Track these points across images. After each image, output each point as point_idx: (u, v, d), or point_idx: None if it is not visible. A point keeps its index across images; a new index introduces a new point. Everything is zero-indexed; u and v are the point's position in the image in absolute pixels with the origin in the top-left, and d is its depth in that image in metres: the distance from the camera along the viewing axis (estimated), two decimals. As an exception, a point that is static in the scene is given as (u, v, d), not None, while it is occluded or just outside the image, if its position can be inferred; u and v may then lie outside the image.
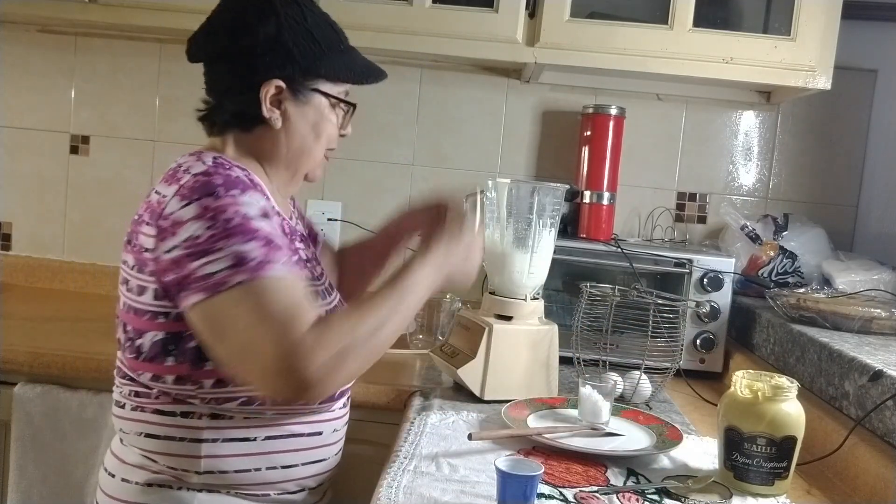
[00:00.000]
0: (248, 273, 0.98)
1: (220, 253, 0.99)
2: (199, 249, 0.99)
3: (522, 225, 1.46)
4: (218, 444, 1.09)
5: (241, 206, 1.02)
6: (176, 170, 1.10)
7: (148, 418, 1.10)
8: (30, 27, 2.18)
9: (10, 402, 1.55)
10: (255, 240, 1.01)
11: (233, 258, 0.99)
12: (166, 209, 1.03)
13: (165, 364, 1.07)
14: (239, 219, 1.01)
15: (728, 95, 2.12)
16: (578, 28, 1.81)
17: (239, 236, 1.00)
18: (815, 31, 1.78)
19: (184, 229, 1.01)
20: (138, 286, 1.07)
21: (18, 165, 2.23)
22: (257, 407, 1.10)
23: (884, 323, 1.51)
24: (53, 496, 1.56)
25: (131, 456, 1.12)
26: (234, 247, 0.99)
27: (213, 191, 1.02)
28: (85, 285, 2.22)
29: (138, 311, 1.08)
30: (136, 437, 1.11)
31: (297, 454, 1.15)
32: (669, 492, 1.06)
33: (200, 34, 1.19)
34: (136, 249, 1.07)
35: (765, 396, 1.09)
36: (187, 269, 1.00)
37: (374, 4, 1.83)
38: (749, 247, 1.96)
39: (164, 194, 1.06)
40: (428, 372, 1.64)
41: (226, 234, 1.00)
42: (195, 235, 1.00)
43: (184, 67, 1.24)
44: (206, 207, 1.01)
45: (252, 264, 0.99)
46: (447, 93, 2.16)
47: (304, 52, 1.14)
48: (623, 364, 1.55)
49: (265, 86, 1.13)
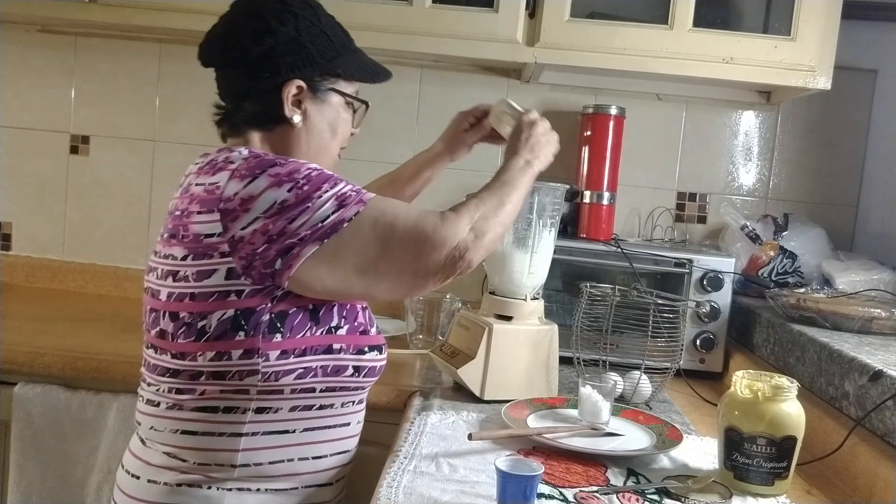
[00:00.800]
0: (356, 205, 1.06)
1: (318, 202, 1.05)
2: (292, 210, 1.04)
3: (522, 225, 1.46)
4: (258, 437, 1.11)
5: (307, 164, 1.09)
6: (213, 163, 1.12)
7: (186, 416, 1.10)
8: (30, 27, 2.19)
9: (10, 402, 1.55)
10: (339, 181, 1.08)
11: (335, 201, 1.06)
12: (226, 192, 1.06)
13: (235, 339, 1.07)
14: (314, 172, 1.07)
15: (728, 95, 2.12)
16: (578, 28, 1.81)
17: (326, 184, 1.06)
18: (815, 31, 1.78)
19: (260, 201, 1.04)
20: (198, 272, 1.07)
21: (18, 165, 2.23)
22: (310, 380, 1.11)
23: (884, 323, 1.51)
24: (53, 496, 1.56)
25: (156, 457, 1.12)
26: (327, 193, 1.06)
27: (273, 162, 1.08)
28: (85, 285, 2.22)
29: (198, 296, 1.07)
30: (171, 434, 1.11)
31: (328, 445, 1.17)
32: (669, 492, 1.06)
33: (215, 39, 1.20)
34: (191, 240, 1.08)
35: (765, 396, 1.09)
36: (286, 232, 1.04)
37: (374, 4, 1.83)
38: (749, 247, 1.96)
39: (215, 182, 1.08)
40: (428, 372, 1.64)
41: (313, 187, 1.05)
42: (280, 200, 1.04)
43: (184, 67, 1.25)
44: (276, 174, 1.06)
45: (355, 197, 1.07)
46: (447, 93, 2.16)
47: (322, 52, 1.18)
48: (623, 364, 1.55)
49: (287, 86, 1.16)
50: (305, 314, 1.10)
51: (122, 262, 2.22)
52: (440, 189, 2.20)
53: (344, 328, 1.14)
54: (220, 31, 1.19)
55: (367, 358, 1.17)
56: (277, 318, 1.08)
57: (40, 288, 2.22)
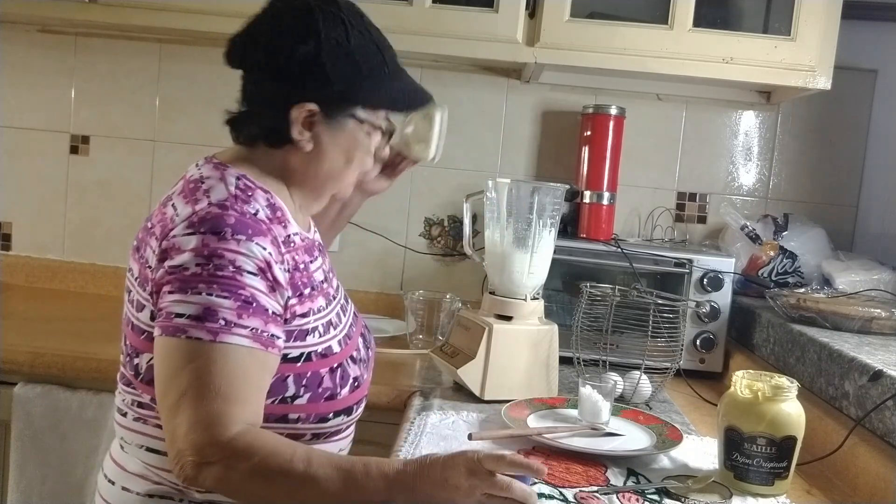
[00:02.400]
0: (208, 333, 0.94)
1: (193, 297, 0.95)
2: (179, 284, 0.96)
3: (522, 225, 1.46)
4: None
5: (240, 255, 0.98)
6: (196, 186, 1.05)
7: (150, 431, 1.05)
8: (30, 27, 2.19)
9: (10, 402, 1.56)
10: (233, 297, 0.96)
11: (202, 309, 0.94)
12: (173, 231, 1.00)
13: None
14: (230, 269, 0.96)
15: (728, 95, 2.12)
16: (578, 28, 1.81)
17: (221, 289, 0.95)
18: (815, 31, 1.78)
19: (179, 257, 0.97)
20: (138, 301, 1.04)
21: (18, 165, 2.23)
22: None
23: (884, 323, 1.51)
24: (53, 496, 1.56)
25: (132, 464, 1.09)
26: (210, 296, 0.95)
27: (220, 230, 0.98)
28: (85, 285, 2.22)
29: (136, 328, 1.04)
30: (137, 449, 1.07)
31: None
32: (669, 492, 1.07)
33: (239, 39, 1.11)
34: (143, 262, 1.04)
35: (765, 396, 1.09)
36: (164, 300, 0.97)
37: (374, 4, 1.81)
38: (749, 247, 1.96)
39: (178, 213, 1.02)
40: (428, 372, 1.64)
41: (208, 279, 0.95)
42: (184, 268, 0.96)
43: (184, 67, 1.24)
44: (205, 244, 0.97)
45: (217, 325, 0.94)
46: (447, 93, 2.16)
47: (343, 75, 1.08)
48: (623, 364, 1.55)
49: (298, 108, 1.07)
50: None
51: (122, 262, 2.18)
52: (440, 189, 2.22)
53: (304, 397, 1.05)
54: (245, 31, 1.11)
55: (329, 424, 1.08)
56: None
57: (40, 288, 2.22)
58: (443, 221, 2.17)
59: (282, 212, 1.10)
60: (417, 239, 2.19)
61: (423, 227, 2.18)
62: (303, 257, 1.12)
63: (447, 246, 2.18)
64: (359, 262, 2.16)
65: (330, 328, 1.12)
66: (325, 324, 1.11)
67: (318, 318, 1.10)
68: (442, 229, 2.18)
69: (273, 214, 1.08)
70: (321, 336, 1.09)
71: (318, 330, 1.09)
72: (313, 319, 1.09)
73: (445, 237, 2.18)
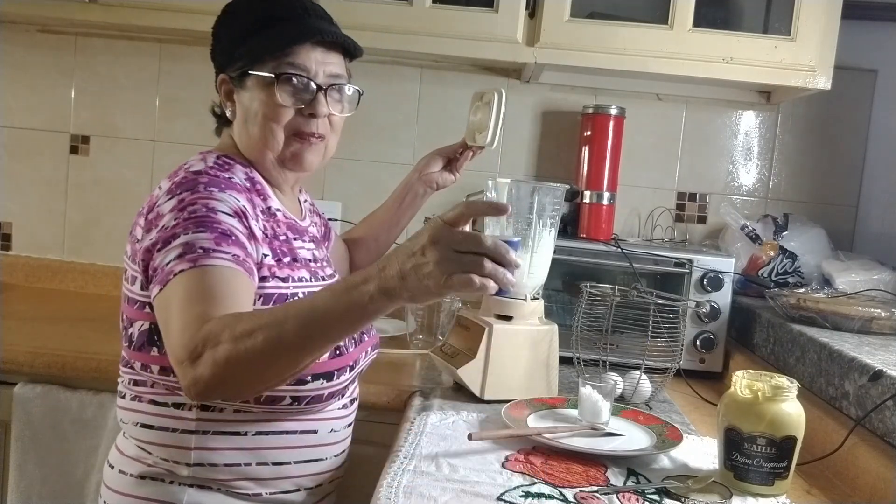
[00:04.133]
0: (190, 262, 0.98)
1: (175, 241, 1.01)
2: (163, 240, 1.02)
3: (522, 225, 1.45)
4: (208, 437, 1.10)
5: (212, 200, 1.05)
6: (180, 167, 1.14)
7: (144, 408, 1.12)
8: (30, 27, 2.19)
9: (10, 402, 1.55)
10: (209, 230, 1.00)
11: (182, 247, 1.00)
12: (157, 202, 1.08)
13: (151, 354, 1.09)
14: (204, 210, 1.03)
15: (728, 95, 2.12)
16: (578, 28, 1.81)
17: (195, 226, 1.01)
18: (815, 31, 1.78)
19: (162, 220, 1.05)
20: (132, 275, 1.11)
21: (18, 165, 2.23)
22: (241, 405, 1.09)
23: (884, 323, 1.51)
24: (53, 496, 1.56)
25: (130, 448, 1.14)
26: (188, 235, 1.00)
27: (193, 187, 1.06)
28: (85, 285, 2.22)
29: (130, 301, 1.11)
30: (133, 427, 1.13)
31: (289, 452, 1.15)
32: (669, 492, 1.06)
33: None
34: (133, 240, 1.11)
35: (765, 396, 1.09)
36: (155, 261, 1.03)
37: (374, 4, 1.83)
38: (749, 247, 1.96)
39: (161, 188, 1.11)
40: (428, 372, 1.64)
41: (186, 223, 1.02)
42: (164, 226, 1.04)
43: (184, 67, 1.25)
44: (181, 200, 1.05)
45: (197, 254, 0.98)
46: (447, 93, 2.16)
47: (231, 38, 1.18)
48: (623, 364, 1.55)
49: (217, 81, 1.21)
50: None
51: (122, 262, 2.21)
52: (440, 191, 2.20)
53: None
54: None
55: (308, 388, 1.09)
56: None
57: (40, 288, 2.22)
58: (443, 221, 2.17)
59: (261, 185, 1.19)
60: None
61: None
62: (284, 231, 1.18)
63: (447, 246, 2.18)
64: (359, 262, 2.16)
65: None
66: (308, 293, 1.11)
67: (299, 287, 1.13)
68: (442, 229, 2.18)
69: (252, 186, 1.16)
70: None
71: (297, 297, 1.11)
72: (293, 286, 1.12)
73: (445, 237, 2.18)
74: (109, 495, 1.15)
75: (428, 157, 1.54)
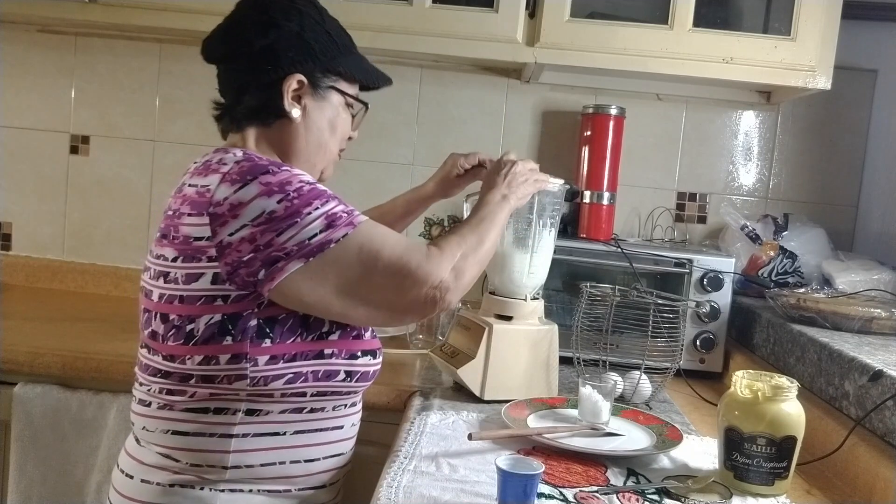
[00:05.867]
0: (345, 227, 1.06)
1: (307, 219, 1.05)
2: (281, 223, 1.04)
3: (522, 225, 1.46)
4: (248, 439, 1.11)
5: (300, 175, 1.08)
6: (207, 164, 1.12)
7: (177, 416, 1.11)
8: (30, 27, 2.19)
9: (10, 402, 1.56)
10: (331, 199, 1.08)
11: (324, 220, 1.06)
12: (216, 196, 1.06)
13: (223, 343, 1.07)
14: (307, 186, 1.07)
15: (728, 95, 2.12)
16: (578, 28, 1.81)
17: (317, 200, 1.06)
18: (815, 31, 1.78)
19: (249, 209, 1.04)
20: (187, 275, 1.08)
21: (18, 165, 2.23)
22: (300, 384, 1.11)
23: (884, 323, 1.51)
24: (53, 496, 1.56)
25: (150, 456, 1.13)
26: (317, 210, 1.06)
27: (265, 169, 1.07)
28: (85, 285, 2.22)
29: (187, 299, 1.08)
30: (162, 434, 1.11)
31: (320, 448, 1.17)
32: (669, 492, 1.06)
33: (219, 34, 1.21)
34: (181, 241, 1.09)
35: (765, 396, 1.09)
36: (273, 244, 1.04)
37: (374, 4, 1.83)
38: (749, 247, 1.96)
39: (206, 185, 1.08)
40: (428, 372, 1.64)
41: (303, 202, 1.05)
42: (269, 210, 1.04)
43: (184, 67, 1.24)
44: (267, 183, 1.05)
45: (344, 219, 1.07)
46: (447, 93, 2.16)
47: (324, 49, 1.19)
48: (623, 364, 1.55)
49: (287, 80, 1.17)
50: (295, 319, 1.10)
51: (122, 262, 2.22)
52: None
53: (336, 333, 1.14)
54: (225, 25, 1.21)
55: (359, 363, 1.16)
56: (266, 324, 1.08)
57: (40, 288, 2.22)
58: (443, 221, 2.17)
59: None
60: (417, 239, 2.19)
61: (423, 227, 2.17)
62: None
63: (447, 246, 2.18)
64: (359, 262, 2.16)
65: None
66: None
67: None
68: (442, 229, 2.18)
69: None
70: None
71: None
72: None
73: (445, 237, 2.18)
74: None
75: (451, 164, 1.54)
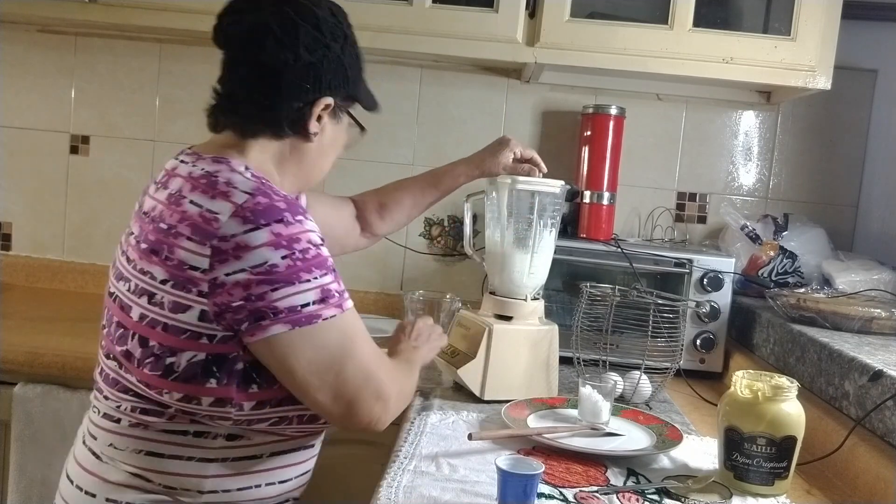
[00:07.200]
0: (335, 307, 1.03)
1: (305, 285, 1.01)
2: (279, 280, 0.99)
3: (523, 225, 1.46)
4: (227, 464, 1.07)
5: (310, 233, 1.04)
6: (212, 180, 1.05)
7: (152, 436, 1.06)
8: (30, 27, 2.19)
9: (10, 402, 1.56)
10: (330, 272, 1.05)
11: (320, 293, 1.02)
12: (223, 230, 0.99)
13: (206, 385, 1.02)
14: (314, 249, 1.03)
15: (728, 95, 2.12)
16: (578, 28, 1.81)
17: (319, 269, 1.03)
18: (815, 31, 1.78)
19: (253, 255, 0.99)
20: (174, 303, 1.02)
21: (18, 165, 2.23)
22: (285, 426, 1.09)
23: (884, 323, 1.51)
24: (53, 496, 1.55)
25: (116, 474, 1.07)
26: (316, 280, 1.02)
27: (280, 217, 1.01)
28: (85, 285, 2.22)
29: (171, 329, 1.02)
30: (134, 454, 1.06)
31: (294, 468, 1.15)
32: (669, 492, 1.07)
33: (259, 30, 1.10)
34: (174, 265, 1.02)
35: (765, 396, 1.10)
36: (265, 299, 0.99)
37: (374, 4, 1.83)
38: (749, 247, 1.96)
39: (214, 211, 1.01)
40: (428, 372, 1.64)
41: (306, 265, 1.01)
42: (272, 264, 0.99)
43: (184, 67, 1.24)
44: (278, 234, 1.00)
45: (336, 299, 1.04)
46: (447, 93, 2.16)
47: (355, 76, 1.19)
48: (623, 364, 1.55)
49: (319, 101, 1.14)
50: None
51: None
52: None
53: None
54: (269, 25, 1.10)
55: None
56: (252, 368, 1.03)
57: (40, 288, 2.22)
58: (443, 221, 2.17)
59: None
60: (417, 239, 2.19)
61: (423, 227, 2.18)
62: None
63: (447, 246, 2.19)
64: (359, 262, 2.16)
65: None
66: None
67: None
68: (442, 229, 2.18)
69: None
70: None
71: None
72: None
73: (445, 237, 2.18)
74: None
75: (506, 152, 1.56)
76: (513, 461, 0.99)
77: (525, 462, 1.01)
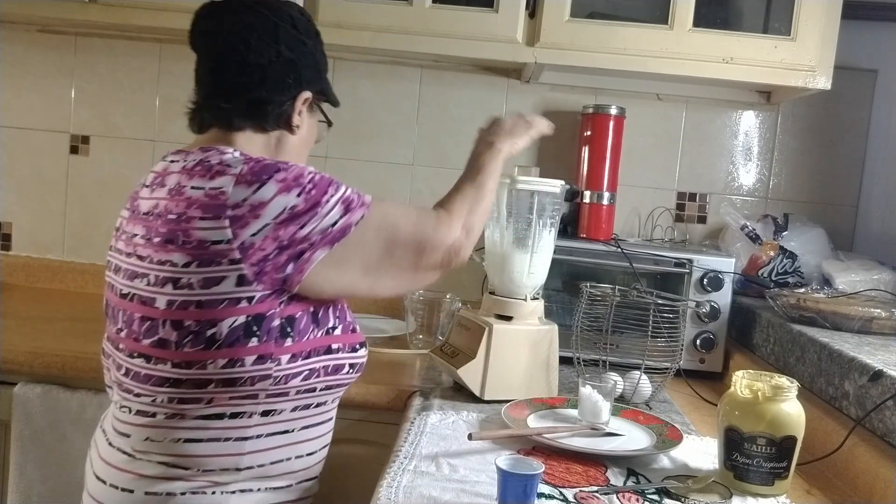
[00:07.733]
0: (360, 209, 1.12)
1: (326, 207, 1.09)
2: (303, 216, 1.07)
3: (522, 225, 1.46)
4: (262, 440, 1.12)
5: (303, 166, 1.12)
6: (207, 164, 1.11)
7: (190, 424, 1.09)
8: (30, 27, 2.19)
9: (10, 402, 1.55)
10: (340, 185, 1.13)
11: (342, 206, 1.10)
12: (232, 199, 1.06)
13: (248, 345, 1.07)
14: (317, 176, 1.11)
15: (728, 95, 2.12)
16: (578, 28, 1.81)
17: (330, 188, 1.11)
18: (815, 31, 1.78)
19: (270, 207, 1.06)
20: (204, 279, 1.06)
21: (18, 165, 2.23)
22: (314, 380, 1.14)
23: (884, 323, 1.51)
24: (53, 496, 1.56)
25: (151, 468, 1.10)
26: (333, 197, 1.10)
27: (277, 167, 1.09)
28: (85, 285, 2.22)
29: (207, 303, 1.06)
30: (171, 444, 1.09)
31: (318, 440, 1.21)
32: (669, 492, 1.07)
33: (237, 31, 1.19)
34: (193, 246, 1.06)
35: (765, 396, 1.10)
36: (297, 237, 1.07)
37: (374, 4, 1.83)
38: (749, 247, 1.96)
39: (217, 187, 1.08)
40: (428, 372, 1.64)
41: (320, 192, 1.09)
42: (291, 206, 1.07)
43: (184, 67, 1.24)
44: (284, 180, 1.08)
45: (357, 201, 1.12)
46: (447, 93, 2.16)
47: (324, 71, 1.28)
48: (623, 364, 1.55)
49: (302, 95, 1.22)
50: (308, 317, 1.13)
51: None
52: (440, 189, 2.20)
53: (339, 328, 1.18)
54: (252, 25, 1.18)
55: (358, 355, 1.22)
56: (287, 323, 1.10)
57: (40, 288, 2.22)
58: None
59: None
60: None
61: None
62: None
63: (447, 246, 2.18)
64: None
65: None
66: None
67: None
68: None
69: None
70: None
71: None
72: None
73: (445, 237, 2.18)
74: None
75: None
76: (513, 461, 0.99)
77: (525, 462, 1.01)
